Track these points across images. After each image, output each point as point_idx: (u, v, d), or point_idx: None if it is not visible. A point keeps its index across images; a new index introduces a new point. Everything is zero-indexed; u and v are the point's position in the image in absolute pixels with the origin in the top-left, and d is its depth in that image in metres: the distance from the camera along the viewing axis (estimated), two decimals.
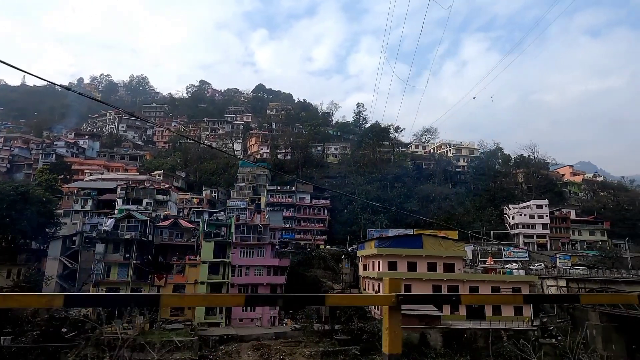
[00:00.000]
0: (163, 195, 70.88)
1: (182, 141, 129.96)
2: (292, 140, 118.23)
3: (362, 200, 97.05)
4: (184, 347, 39.94)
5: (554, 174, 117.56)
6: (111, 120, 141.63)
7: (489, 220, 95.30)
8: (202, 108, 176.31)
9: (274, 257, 53.79)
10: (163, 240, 52.06)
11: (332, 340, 47.19)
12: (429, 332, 49.33)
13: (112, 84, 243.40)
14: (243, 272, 51.72)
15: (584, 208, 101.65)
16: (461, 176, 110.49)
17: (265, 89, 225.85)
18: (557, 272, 68.73)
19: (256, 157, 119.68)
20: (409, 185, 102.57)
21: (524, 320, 54.03)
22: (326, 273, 73.58)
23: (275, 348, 44.94)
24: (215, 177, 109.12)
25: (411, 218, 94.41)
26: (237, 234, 52.06)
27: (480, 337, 50.85)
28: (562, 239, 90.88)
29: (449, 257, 59.60)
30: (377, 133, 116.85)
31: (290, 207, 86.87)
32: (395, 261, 58.87)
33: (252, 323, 49.49)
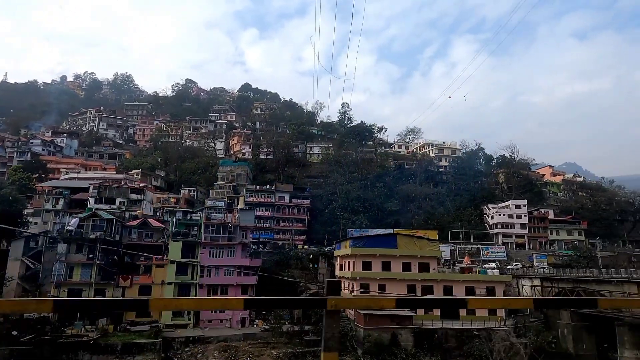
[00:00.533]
0: (137, 195, 69.52)
1: (163, 140, 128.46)
2: (275, 139, 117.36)
3: (342, 200, 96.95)
4: (146, 350, 38.91)
5: (534, 174, 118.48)
6: (91, 119, 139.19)
7: (469, 220, 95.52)
8: (187, 107, 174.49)
9: (245, 257, 52.95)
10: (132, 240, 50.88)
11: (301, 341, 46.56)
12: (400, 332, 48.94)
13: (96, 82, 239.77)
14: (212, 272, 50.84)
15: (563, 208, 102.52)
16: (442, 176, 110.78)
17: (252, 88, 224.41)
18: (534, 272, 68.93)
19: (238, 156, 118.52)
20: (390, 185, 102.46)
21: (496, 320, 53.91)
22: (303, 273, 72.95)
23: (243, 349, 44.18)
24: (196, 177, 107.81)
25: (391, 218, 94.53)
26: (206, 234, 51.14)
27: (452, 337, 50.63)
28: (540, 238, 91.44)
29: (423, 257, 59.35)
30: (359, 133, 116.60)
31: (270, 206, 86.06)
32: (370, 261, 58.46)
33: (221, 324, 48.63)
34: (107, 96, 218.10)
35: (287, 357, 43.70)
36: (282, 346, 45.70)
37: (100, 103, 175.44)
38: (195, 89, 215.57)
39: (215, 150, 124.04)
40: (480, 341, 49.47)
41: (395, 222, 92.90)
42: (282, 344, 45.91)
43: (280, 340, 46.34)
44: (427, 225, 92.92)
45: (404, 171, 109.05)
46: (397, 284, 57.74)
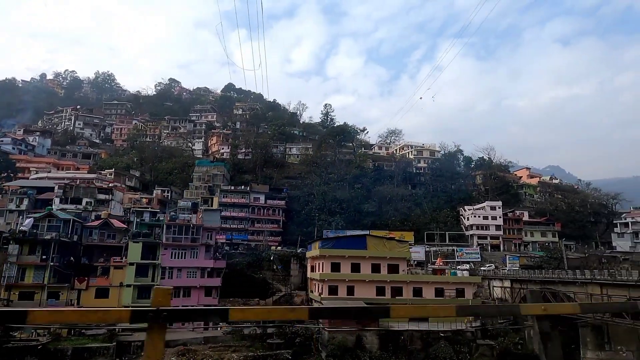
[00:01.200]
0: (105, 195, 67.85)
1: (140, 140, 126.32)
2: (254, 139, 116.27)
3: (319, 201, 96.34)
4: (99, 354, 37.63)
5: (512, 176, 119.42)
6: (67, 117, 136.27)
7: (445, 221, 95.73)
8: (168, 106, 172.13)
9: (209, 259, 51.83)
10: (92, 241, 49.46)
11: (264, 344, 45.69)
12: (366, 334, 48.36)
13: (77, 80, 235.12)
14: (174, 274, 49.63)
15: (538, 210, 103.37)
16: (421, 177, 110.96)
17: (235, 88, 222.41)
18: (506, 273, 69.12)
19: (216, 157, 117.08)
20: (368, 186, 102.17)
21: (463, 321, 53.67)
22: (275, 275, 72.08)
23: (203, 353, 43.10)
24: (172, 177, 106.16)
25: (368, 219, 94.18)
26: (168, 235, 49.94)
27: (418, 339, 50.23)
28: (514, 240, 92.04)
29: (393, 258, 58.95)
30: (338, 134, 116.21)
31: (244, 207, 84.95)
32: (339, 262, 57.84)
33: (183, 327, 47.45)
34: (87, 95, 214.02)
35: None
36: (244, 349, 44.77)
37: (81, 102, 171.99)
38: (177, 88, 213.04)
39: (193, 150, 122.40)
40: (445, 343, 49.20)
41: (371, 223, 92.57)
42: (244, 347, 44.97)
43: (243, 344, 45.38)
44: (403, 226, 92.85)
45: (382, 172, 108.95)
46: (366, 285, 57.26)
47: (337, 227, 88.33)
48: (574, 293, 51.16)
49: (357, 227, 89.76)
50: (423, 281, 59.51)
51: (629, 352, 47.76)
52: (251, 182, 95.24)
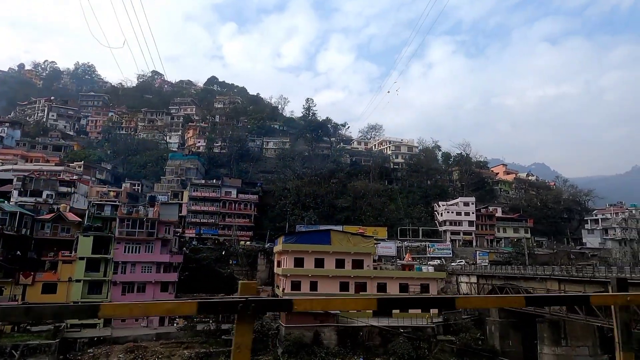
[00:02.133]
0: (67, 187, 66.01)
1: (115, 132, 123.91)
2: (231, 133, 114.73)
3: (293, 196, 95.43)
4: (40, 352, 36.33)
5: (488, 172, 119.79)
6: (41, 109, 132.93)
7: (419, 217, 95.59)
8: (147, 99, 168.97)
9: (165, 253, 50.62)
10: (44, 235, 47.94)
11: (217, 340, 44.80)
12: (324, 330, 47.83)
13: (56, 71, 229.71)
14: (128, 269, 48.37)
15: (512, 206, 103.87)
16: (397, 173, 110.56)
17: (218, 81, 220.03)
18: (473, 269, 69.14)
19: (192, 150, 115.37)
20: (344, 181, 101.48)
21: (424, 317, 53.43)
22: (243, 270, 71.17)
23: (153, 350, 42.07)
24: (146, 170, 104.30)
25: (342, 214, 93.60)
26: (121, 228, 48.60)
27: (378, 334, 49.86)
28: (487, 235, 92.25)
29: (357, 254, 58.38)
30: (315, 129, 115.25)
31: (215, 201, 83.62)
32: (302, 257, 57.06)
33: (136, 323, 46.31)
34: (67, 86, 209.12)
35: (199, 357, 41.86)
36: (197, 346, 43.86)
37: (59, 93, 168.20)
38: (159, 80, 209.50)
39: (167, 143, 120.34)
40: (404, 339, 48.87)
41: (345, 218, 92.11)
42: (197, 344, 44.04)
43: (196, 340, 44.44)
44: (377, 222, 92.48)
45: (359, 167, 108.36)
46: (330, 281, 56.60)
47: (310, 222, 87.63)
48: (534, 288, 51.21)
49: (330, 222, 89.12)
50: (387, 277, 59.11)
51: (585, 348, 48.01)
52: (224, 176, 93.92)
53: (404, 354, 46.99)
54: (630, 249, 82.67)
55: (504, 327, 53.75)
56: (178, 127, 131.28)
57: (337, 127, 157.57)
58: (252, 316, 2.42)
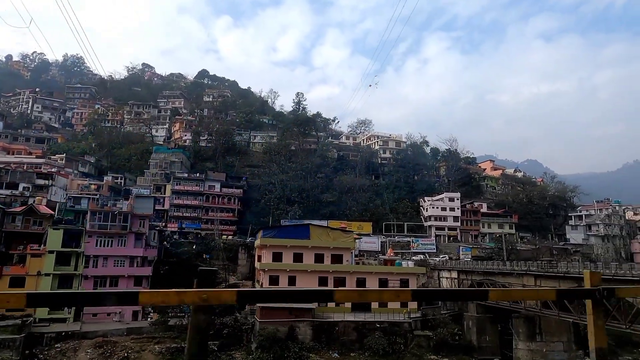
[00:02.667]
0: (45, 180, 64.90)
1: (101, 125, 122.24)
2: (218, 127, 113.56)
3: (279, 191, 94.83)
4: (3, 346, 35.59)
5: (475, 168, 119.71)
6: (25, 100, 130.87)
7: (405, 212, 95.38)
8: (136, 91, 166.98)
9: (139, 247, 49.84)
10: (15, 228, 47.01)
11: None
12: (299, 325, 47.41)
13: (45, 62, 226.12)
14: (100, 262, 47.62)
15: (498, 202, 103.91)
16: (384, 168, 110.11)
17: (209, 75, 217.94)
18: (454, 264, 69.02)
19: (178, 143, 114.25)
20: (330, 176, 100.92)
21: (401, 312, 53.22)
22: (224, 264, 70.57)
23: (123, 345, 41.45)
24: (131, 164, 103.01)
25: (327, 209, 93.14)
26: (92, 222, 47.77)
27: (354, 329, 49.57)
28: (472, 231, 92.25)
29: (336, 248, 58.02)
30: (303, 123, 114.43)
31: (198, 195, 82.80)
32: (281, 252, 56.61)
33: (108, 318, 45.67)
34: (55, 78, 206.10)
35: (170, 352, 41.31)
36: (169, 341, 43.28)
37: (47, 85, 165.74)
38: (148, 73, 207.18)
39: (153, 136, 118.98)
40: (380, 334, 48.63)
41: (330, 213, 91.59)
42: (168, 339, 43.46)
43: (168, 335, 43.85)
44: (362, 217, 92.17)
45: (346, 162, 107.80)
46: (309, 275, 56.19)
47: (294, 217, 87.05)
48: (510, 284, 51.13)
49: (315, 217, 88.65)
50: (367, 272, 58.84)
51: (560, 343, 48.08)
52: (209, 170, 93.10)
53: (378, 349, 46.76)
54: (612, 245, 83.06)
55: (481, 322, 53.69)
56: (165, 120, 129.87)
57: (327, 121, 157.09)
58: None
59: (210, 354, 42.45)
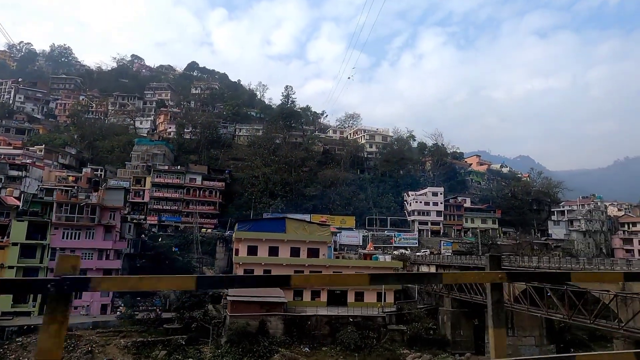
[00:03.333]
0: (18, 171, 63.64)
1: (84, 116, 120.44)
2: (202, 119, 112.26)
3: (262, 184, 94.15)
4: None
5: (461, 163, 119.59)
6: (7, 90, 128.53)
7: (389, 206, 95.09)
8: (123, 83, 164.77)
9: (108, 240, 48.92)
10: None
11: (157, 329, 43.62)
12: (270, 319, 46.90)
13: (32, 53, 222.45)
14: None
15: (483, 197, 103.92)
16: (369, 162, 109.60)
17: (199, 67, 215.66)
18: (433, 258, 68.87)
19: (162, 136, 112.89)
20: (315, 170, 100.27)
21: (377, 307, 52.96)
22: (203, 257, 69.95)
23: (88, 339, 40.74)
24: (113, 156, 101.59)
25: (310, 203, 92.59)
26: (59, 214, 46.80)
27: (326, 324, 49.18)
28: (455, 226, 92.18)
29: (313, 242, 57.54)
30: (288, 116, 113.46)
31: (179, 188, 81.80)
32: (256, 245, 56.03)
33: (75, 312, 44.86)
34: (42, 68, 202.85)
35: (136, 346, 40.67)
36: (136, 335, 42.63)
37: (34, 75, 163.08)
38: (137, 65, 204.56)
39: (136, 128, 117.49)
40: (352, 328, 48.30)
41: (313, 207, 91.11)
42: (135, 333, 42.80)
43: (135, 329, 43.18)
44: (345, 210, 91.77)
45: (331, 156, 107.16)
46: (284, 269, 55.63)
47: (277, 210, 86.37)
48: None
49: (298, 211, 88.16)
50: (343, 266, 58.44)
51: (532, 337, 48.12)
52: (192, 163, 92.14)
53: (350, 343, 46.43)
54: (592, 240, 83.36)
55: (456, 317, 53.58)
56: (151, 112, 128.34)
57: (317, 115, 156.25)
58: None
59: (177, 348, 41.96)
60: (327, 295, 56.18)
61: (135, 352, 40.16)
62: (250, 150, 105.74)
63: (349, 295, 56.75)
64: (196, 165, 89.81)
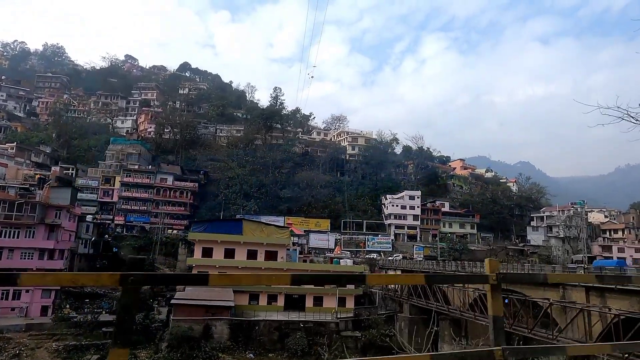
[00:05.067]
0: None
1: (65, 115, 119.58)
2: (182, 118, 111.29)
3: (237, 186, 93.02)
4: None
5: (443, 167, 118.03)
6: None
7: (365, 209, 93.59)
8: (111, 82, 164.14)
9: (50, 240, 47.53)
10: None
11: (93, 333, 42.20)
12: (215, 324, 45.44)
13: (25, 51, 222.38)
14: (4, 254, 45.41)
15: (463, 201, 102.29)
16: (350, 165, 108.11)
17: (191, 68, 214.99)
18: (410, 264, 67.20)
19: (142, 135, 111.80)
20: (294, 172, 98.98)
21: (330, 312, 51.44)
22: (167, 260, 68.64)
23: (18, 342, 39.34)
24: (90, 155, 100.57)
25: (285, 205, 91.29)
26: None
27: (276, 329, 47.68)
28: (432, 230, 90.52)
29: (271, 245, 56.06)
30: (268, 116, 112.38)
31: (149, 188, 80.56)
32: (211, 247, 54.61)
33: (12, 313, 43.54)
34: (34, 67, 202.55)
35: (67, 350, 39.26)
36: (71, 338, 41.23)
37: (26, 74, 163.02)
38: (128, 65, 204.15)
39: (115, 128, 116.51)
40: (302, 334, 46.79)
41: (288, 209, 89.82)
42: (70, 336, 41.40)
43: (71, 332, 41.78)
44: (321, 213, 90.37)
45: (310, 158, 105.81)
46: (240, 272, 54.26)
47: (250, 212, 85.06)
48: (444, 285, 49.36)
49: (273, 213, 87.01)
50: (302, 270, 56.85)
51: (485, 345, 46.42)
52: (164, 163, 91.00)
53: (297, 349, 44.93)
54: (570, 247, 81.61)
55: (414, 324, 51.74)
56: (134, 111, 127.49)
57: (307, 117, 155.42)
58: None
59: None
60: (284, 300, 54.72)
61: (66, 356, 38.76)
62: (229, 150, 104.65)
63: (307, 299, 55.25)
64: (169, 165, 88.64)
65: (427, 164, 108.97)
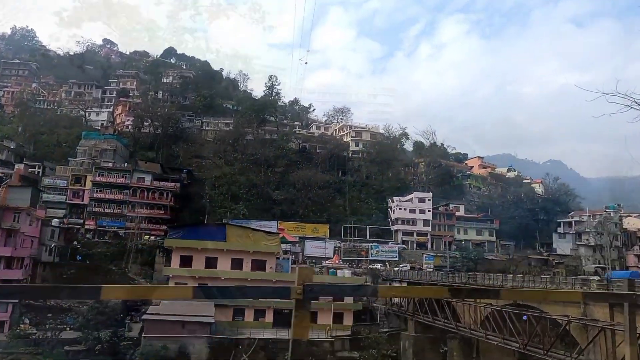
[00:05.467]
0: None
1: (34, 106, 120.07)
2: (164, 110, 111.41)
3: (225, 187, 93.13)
4: None
5: (460, 165, 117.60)
6: None
7: (370, 213, 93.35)
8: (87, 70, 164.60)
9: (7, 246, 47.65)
10: None
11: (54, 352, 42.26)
12: (193, 342, 45.40)
13: None
14: None
15: (481, 204, 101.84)
16: (353, 163, 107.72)
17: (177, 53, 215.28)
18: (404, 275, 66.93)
19: (119, 129, 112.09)
20: (288, 170, 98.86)
21: (324, 330, 51.29)
22: (143, 269, 68.74)
23: None
24: (60, 150, 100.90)
25: (278, 208, 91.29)
26: None
27: (262, 348, 47.63)
28: (445, 237, 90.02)
29: (258, 253, 56.05)
30: (261, 108, 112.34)
31: (125, 188, 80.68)
32: (191, 255, 54.63)
33: None
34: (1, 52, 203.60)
35: None
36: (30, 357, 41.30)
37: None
38: (105, 50, 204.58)
39: (87, 120, 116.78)
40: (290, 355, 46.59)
41: (282, 212, 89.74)
42: (30, 355, 41.48)
43: (30, 350, 41.86)
44: (320, 217, 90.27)
45: (307, 155, 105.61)
46: (223, 284, 54.18)
47: (238, 216, 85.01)
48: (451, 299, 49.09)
49: (264, 217, 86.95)
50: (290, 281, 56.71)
51: None
52: (143, 160, 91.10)
53: None
54: (601, 256, 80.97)
55: (420, 343, 51.76)
56: (110, 102, 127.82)
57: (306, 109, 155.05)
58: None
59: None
60: (272, 316, 54.61)
61: None
62: (217, 147, 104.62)
63: None
64: (147, 163, 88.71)
65: (441, 162, 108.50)
